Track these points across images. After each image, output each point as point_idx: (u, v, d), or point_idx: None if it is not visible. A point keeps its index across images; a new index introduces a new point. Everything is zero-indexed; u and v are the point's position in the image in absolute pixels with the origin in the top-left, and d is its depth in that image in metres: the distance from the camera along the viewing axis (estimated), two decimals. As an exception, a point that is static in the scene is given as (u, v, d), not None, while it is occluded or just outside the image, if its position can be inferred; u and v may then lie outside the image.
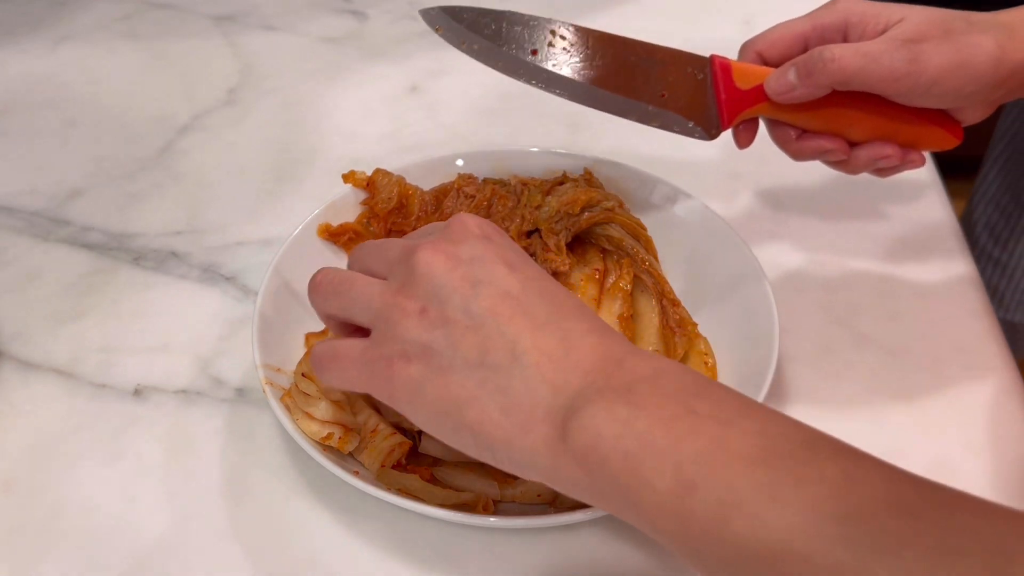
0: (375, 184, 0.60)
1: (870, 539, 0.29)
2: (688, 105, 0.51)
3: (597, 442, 0.34)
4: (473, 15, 0.51)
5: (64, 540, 0.48)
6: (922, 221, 0.65)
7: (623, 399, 0.34)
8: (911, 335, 0.57)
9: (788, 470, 0.31)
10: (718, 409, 0.33)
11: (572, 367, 0.36)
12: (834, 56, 0.48)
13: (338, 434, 0.47)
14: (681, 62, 0.51)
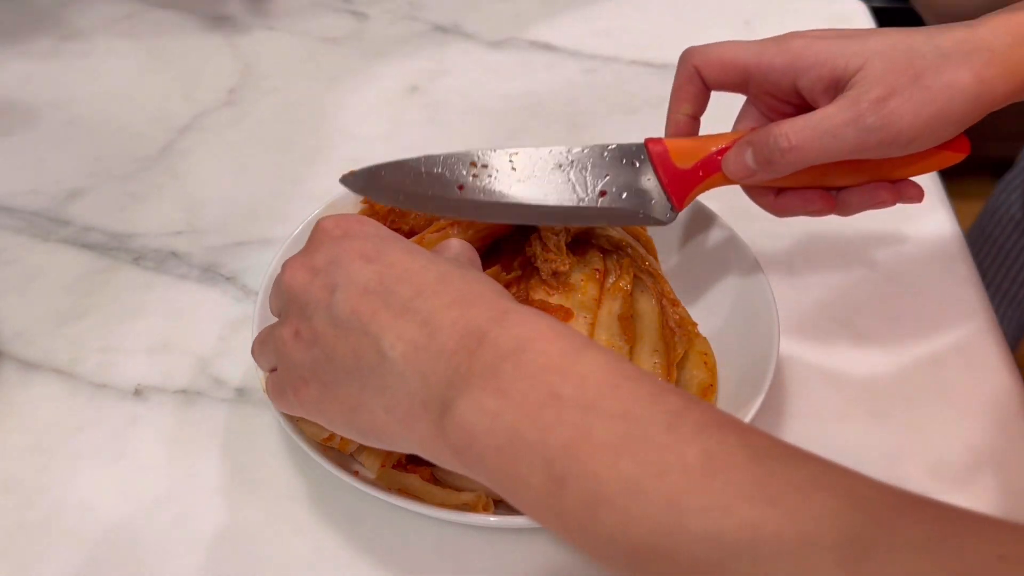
0: (375, 184, 0.60)
1: (730, 535, 0.28)
2: (632, 197, 0.48)
3: (471, 440, 0.33)
4: (391, 170, 0.50)
5: (64, 540, 0.48)
6: (922, 221, 0.65)
7: (490, 387, 0.33)
8: (911, 335, 0.57)
9: (650, 459, 0.30)
10: (581, 391, 0.32)
11: (437, 352, 0.35)
12: (791, 145, 0.44)
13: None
14: (612, 156, 0.48)
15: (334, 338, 0.37)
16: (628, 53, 0.83)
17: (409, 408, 0.36)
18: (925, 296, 0.60)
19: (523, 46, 0.84)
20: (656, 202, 0.49)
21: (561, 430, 0.32)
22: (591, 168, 0.49)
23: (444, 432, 0.34)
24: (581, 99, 0.78)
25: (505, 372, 0.33)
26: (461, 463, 0.35)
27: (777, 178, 0.47)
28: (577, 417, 0.32)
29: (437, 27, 0.87)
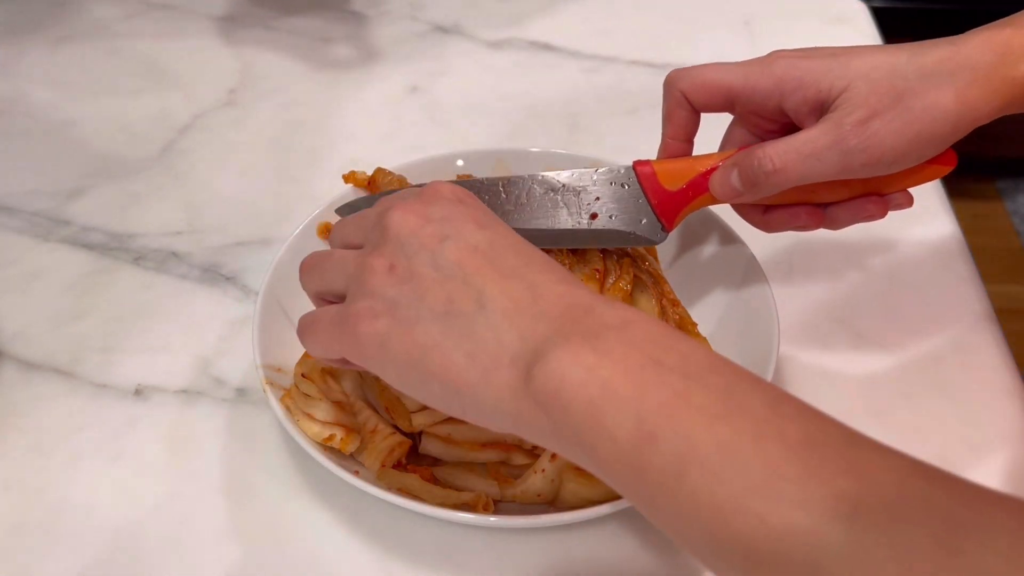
0: (376, 183, 0.61)
1: (824, 504, 0.29)
2: (623, 218, 0.49)
3: (560, 388, 0.33)
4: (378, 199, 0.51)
5: (64, 540, 0.48)
6: (922, 221, 0.65)
7: (589, 345, 0.34)
8: (911, 335, 0.57)
9: (748, 428, 0.31)
10: (684, 363, 0.33)
11: (539, 314, 0.36)
12: (775, 167, 0.45)
13: (340, 435, 0.47)
14: (601, 179, 0.49)
15: (432, 280, 0.37)
16: (628, 53, 0.83)
17: (496, 358, 0.35)
18: (925, 296, 0.60)
19: (523, 46, 0.84)
20: (646, 223, 0.49)
21: (659, 391, 0.32)
22: (581, 192, 0.49)
23: (530, 380, 0.34)
24: (581, 99, 0.78)
25: (608, 337, 0.34)
26: (541, 412, 0.34)
27: (764, 197, 0.48)
28: (677, 382, 0.32)
29: (437, 27, 0.87)
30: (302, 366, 0.50)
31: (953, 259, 0.62)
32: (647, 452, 0.32)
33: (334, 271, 0.41)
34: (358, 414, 0.49)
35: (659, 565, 0.46)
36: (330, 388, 0.49)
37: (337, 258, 0.42)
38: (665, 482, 0.31)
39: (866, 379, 0.55)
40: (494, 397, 0.35)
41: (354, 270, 0.40)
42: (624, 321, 0.35)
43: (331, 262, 0.42)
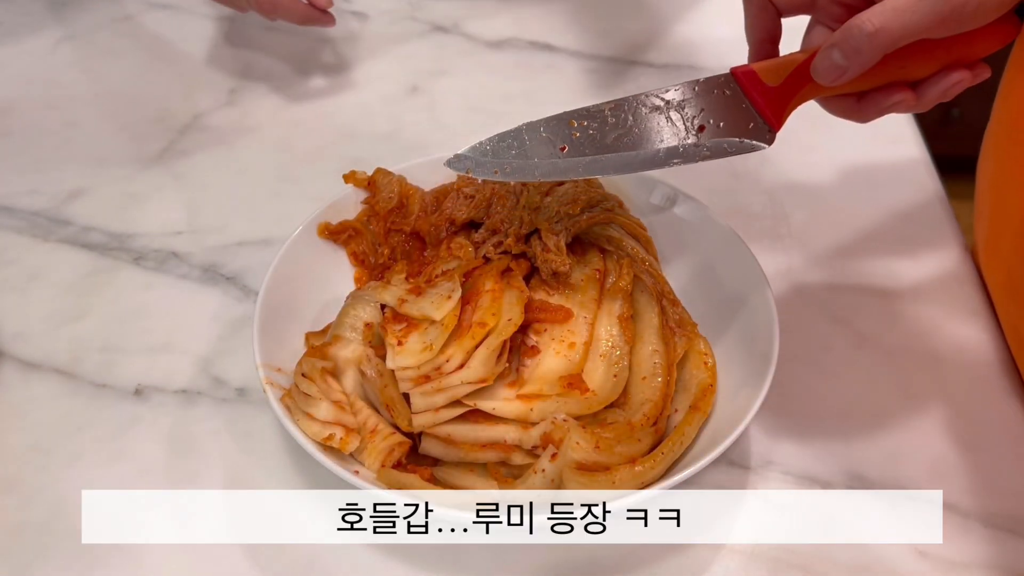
0: (376, 183, 0.61)
1: None
2: (730, 125, 0.50)
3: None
4: (493, 143, 0.51)
5: (64, 540, 0.48)
6: (922, 221, 0.65)
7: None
8: (911, 335, 0.57)
9: None
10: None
11: None
12: (876, 27, 0.46)
13: (339, 435, 0.47)
14: (703, 89, 0.50)
15: None
16: (628, 53, 0.83)
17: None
18: (925, 296, 0.60)
19: (523, 46, 0.84)
20: (754, 126, 0.50)
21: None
22: (686, 106, 0.49)
23: None
24: (581, 99, 0.78)
25: None
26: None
27: (863, 72, 0.48)
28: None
29: (437, 27, 0.87)
30: (302, 365, 0.50)
31: (953, 259, 0.62)
32: None
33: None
34: (358, 414, 0.49)
35: (659, 565, 0.46)
36: (330, 388, 0.49)
37: None
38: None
39: (866, 380, 0.55)
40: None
41: None
42: None
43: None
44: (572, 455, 0.45)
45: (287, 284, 0.55)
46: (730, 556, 0.47)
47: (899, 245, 0.63)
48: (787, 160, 0.57)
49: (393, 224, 0.60)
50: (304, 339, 0.54)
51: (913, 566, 0.46)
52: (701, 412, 0.48)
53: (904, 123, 0.73)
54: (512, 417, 0.48)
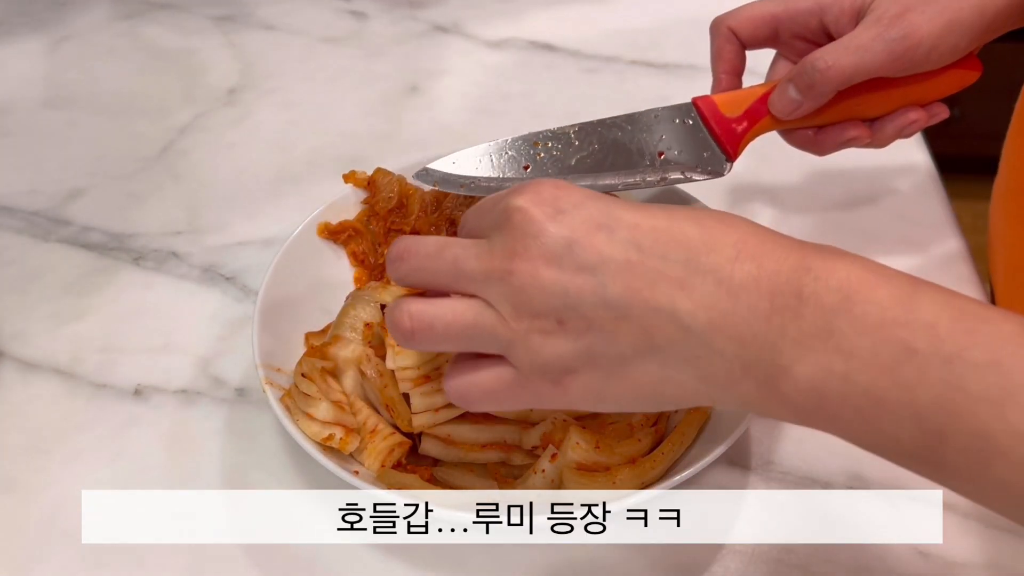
0: (376, 183, 0.60)
1: None
2: (688, 153, 0.51)
3: (820, 403, 0.33)
4: (461, 159, 0.53)
5: (64, 540, 0.48)
6: (923, 221, 0.65)
7: (830, 347, 0.32)
8: (911, 335, 0.57)
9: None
10: (936, 340, 0.31)
11: (748, 314, 0.33)
12: (828, 64, 0.48)
13: (339, 435, 0.47)
14: (664, 118, 0.52)
15: (613, 321, 0.34)
16: (628, 53, 0.83)
17: (728, 373, 0.34)
18: (925, 296, 0.60)
19: (523, 46, 0.84)
20: (711, 155, 0.51)
21: (928, 386, 0.31)
22: (648, 133, 0.51)
23: (783, 397, 0.33)
24: (581, 99, 0.78)
25: (841, 331, 0.32)
26: (804, 421, 0.34)
27: (818, 107, 0.50)
28: (942, 371, 0.31)
29: (437, 27, 0.87)
30: (302, 366, 0.50)
31: (953, 259, 0.62)
32: (939, 450, 0.31)
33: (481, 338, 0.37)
34: (358, 414, 0.49)
35: (659, 565, 0.46)
36: (330, 388, 0.49)
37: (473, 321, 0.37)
38: (966, 473, 0.31)
39: (866, 379, 0.55)
40: (739, 401, 0.35)
41: (513, 337, 0.36)
42: (844, 297, 0.33)
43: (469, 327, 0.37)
44: (572, 455, 0.45)
45: (287, 284, 0.55)
46: (730, 556, 0.47)
47: (899, 245, 0.63)
48: (787, 160, 0.57)
49: (393, 224, 0.60)
50: (304, 339, 0.54)
51: (913, 566, 0.46)
52: (701, 412, 0.48)
53: (904, 123, 0.73)
54: (512, 417, 0.48)
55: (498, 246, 0.36)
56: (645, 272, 0.35)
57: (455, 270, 0.37)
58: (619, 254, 0.35)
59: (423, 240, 0.39)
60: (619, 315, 0.35)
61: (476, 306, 0.37)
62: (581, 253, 0.35)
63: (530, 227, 0.36)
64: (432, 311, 0.37)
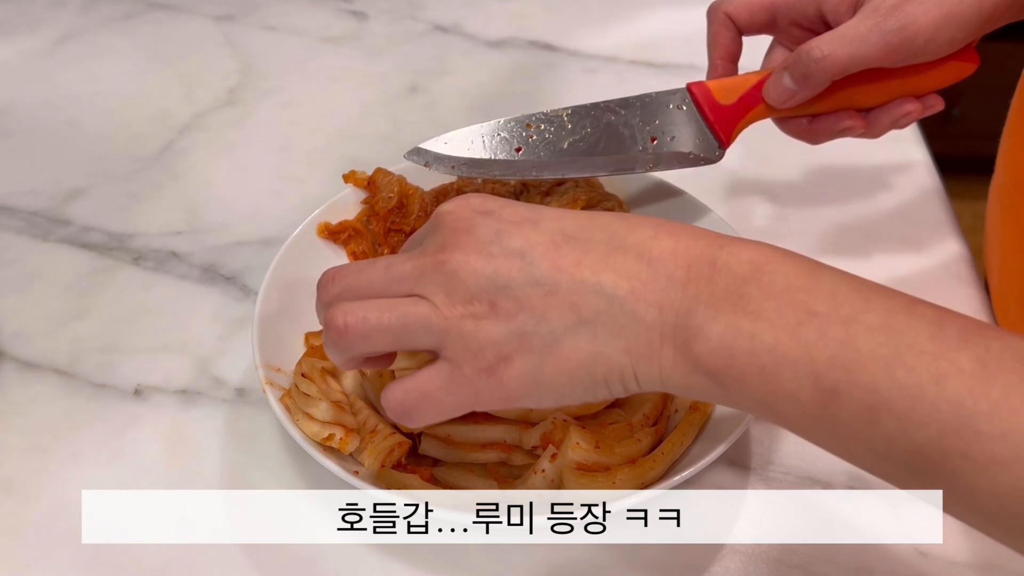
0: (376, 183, 0.60)
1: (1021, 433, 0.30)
2: (681, 139, 0.51)
3: (729, 361, 0.34)
4: (453, 139, 0.53)
5: (64, 540, 0.48)
6: (923, 221, 0.65)
7: (739, 310, 0.34)
8: (911, 335, 0.57)
9: (924, 368, 0.32)
10: (835, 306, 0.34)
11: (666, 282, 0.35)
12: (824, 53, 0.48)
13: (339, 435, 0.47)
14: (658, 102, 0.51)
15: (542, 299, 0.36)
16: (628, 53, 0.83)
17: (648, 342, 0.36)
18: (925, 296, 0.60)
19: (523, 46, 0.84)
20: (703, 141, 0.51)
21: (825, 344, 0.33)
22: (640, 117, 0.51)
23: (696, 358, 0.35)
24: (581, 99, 0.78)
25: (750, 295, 0.34)
26: (715, 385, 0.35)
27: (813, 96, 0.50)
28: (839, 331, 0.33)
29: (437, 27, 0.87)
30: (302, 365, 0.50)
31: (953, 260, 0.62)
32: (832, 407, 0.33)
33: (413, 329, 0.37)
34: (358, 414, 0.49)
35: (659, 565, 0.46)
36: (330, 388, 0.49)
37: (408, 314, 0.37)
38: (857, 430, 0.33)
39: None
40: (659, 376, 0.36)
41: (446, 325, 0.37)
42: (754, 268, 0.35)
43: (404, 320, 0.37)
44: (572, 455, 0.45)
45: (287, 284, 0.55)
46: (730, 556, 0.47)
47: (899, 245, 0.63)
48: (787, 160, 0.57)
49: (393, 224, 0.60)
50: (304, 339, 0.54)
51: (913, 566, 0.46)
52: (701, 412, 0.48)
53: (904, 123, 0.73)
54: (512, 417, 0.48)
55: (430, 246, 0.38)
56: (571, 251, 0.36)
57: (387, 275, 0.38)
58: (545, 238, 0.37)
59: (352, 263, 0.40)
60: (547, 291, 0.36)
61: (410, 299, 0.38)
62: (509, 240, 0.37)
63: (460, 223, 0.38)
64: (367, 305, 0.38)
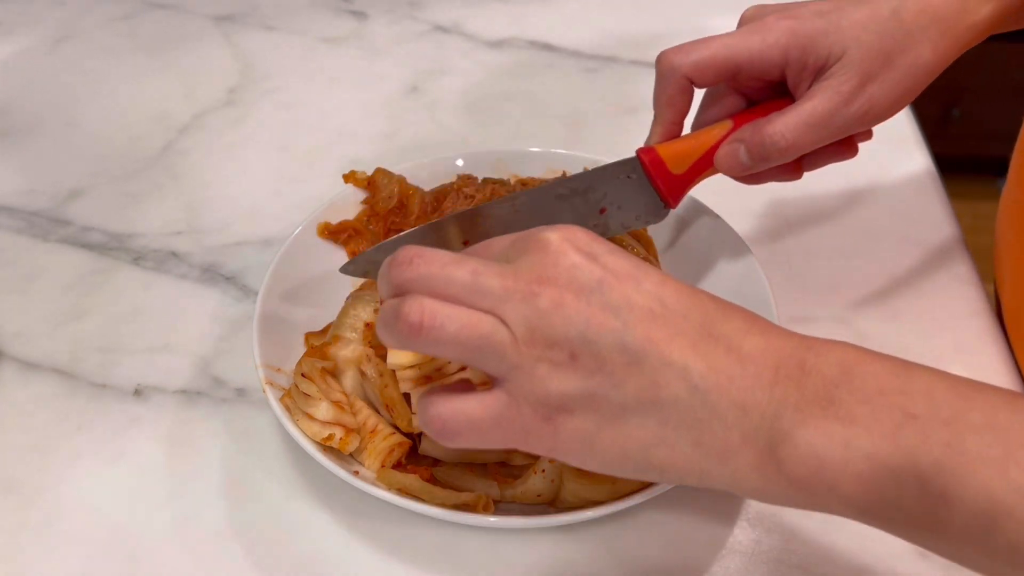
0: (376, 183, 0.61)
1: None
2: (629, 207, 0.51)
3: (820, 469, 0.33)
4: (391, 247, 0.51)
5: (64, 540, 0.48)
6: (923, 221, 0.65)
7: (830, 415, 0.33)
8: (911, 335, 0.57)
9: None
10: (933, 406, 0.32)
11: (753, 382, 0.34)
12: (787, 140, 0.47)
13: (339, 435, 0.47)
14: (608, 174, 0.50)
15: (625, 366, 0.34)
16: (628, 53, 0.83)
17: (725, 441, 0.34)
18: (925, 296, 0.60)
19: (523, 46, 0.84)
20: (651, 205, 0.51)
21: (929, 448, 0.32)
22: (590, 192, 0.50)
23: (780, 464, 0.33)
24: (581, 99, 0.78)
25: (842, 399, 0.33)
26: (802, 494, 0.34)
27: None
28: (943, 434, 0.32)
29: (437, 27, 0.87)
30: (302, 365, 0.50)
31: (953, 260, 0.62)
32: (942, 513, 0.31)
33: (487, 353, 0.35)
34: (358, 414, 0.49)
35: (659, 565, 0.46)
36: (330, 388, 0.49)
37: (485, 334, 0.35)
38: (972, 536, 0.31)
39: (866, 379, 0.55)
40: (731, 478, 0.35)
41: (520, 361, 0.35)
42: (842, 369, 0.34)
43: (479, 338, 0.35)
44: (572, 455, 0.45)
45: (287, 284, 0.55)
46: (730, 556, 0.47)
47: (899, 245, 0.63)
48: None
49: (393, 224, 0.60)
50: (304, 339, 0.54)
51: (913, 566, 0.46)
52: (701, 412, 0.48)
53: (904, 123, 0.73)
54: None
55: (524, 268, 0.36)
56: (666, 325, 0.35)
57: (474, 281, 0.35)
58: (644, 303, 0.35)
59: (434, 250, 0.37)
60: (632, 361, 0.34)
61: (492, 320, 0.35)
62: (609, 293, 0.35)
63: (564, 258, 0.35)
64: (448, 311, 0.35)
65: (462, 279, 0.35)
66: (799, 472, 0.33)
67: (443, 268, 0.36)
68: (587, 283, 0.35)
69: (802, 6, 0.49)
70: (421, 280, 0.36)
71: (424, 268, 0.36)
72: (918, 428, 0.32)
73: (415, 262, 0.36)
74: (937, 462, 0.31)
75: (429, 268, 0.36)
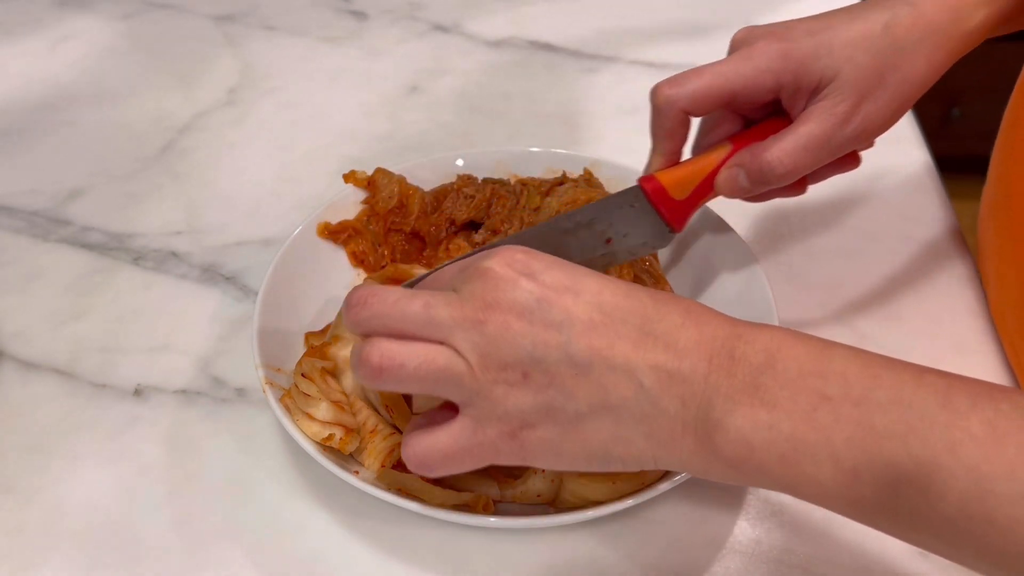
0: (376, 183, 0.61)
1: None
2: (635, 235, 0.51)
3: (750, 452, 0.35)
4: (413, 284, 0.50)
5: (64, 540, 0.48)
6: (923, 221, 0.65)
7: (756, 400, 0.35)
8: (911, 335, 0.57)
9: (937, 438, 0.33)
10: (846, 385, 0.35)
11: (690, 375, 0.37)
12: (784, 165, 0.47)
13: (339, 435, 0.47)
14: (612, 205, 0.50)
15: (573, 378, 0.37)
16: (628, 53, 0.83)
17: (671, 431, 0.37)
18: (925, 296, 0.60)
19: (523, 46, 0.84)
20: (656, 230, 0.51)
21: (841, 427, 0.34)
22: (595, 223, 0.50)
23: (716, 449, 0.36)
24: (581, 99, 0.78)
25: (766, 385, 0.36)
26: (737, 474, 0.37)
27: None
28: (853, 412, 0.34)
29: (437, 27, 0.87)
30: (302, 366, 0.50)
31: (953, 260, 0.62)
32: (855, 487, 0.34)
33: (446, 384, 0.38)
34: (358, 414, 0.49)
35: (659, 565, 0.46)
36: (330, 388, 0.49)
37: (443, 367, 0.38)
38: (882, 506, 0.34)
39: (866, 379, 0.55)
40: (679, 461, 0.38)
41: (478, 387, 0.38)
42: (768, 357, 0.36)
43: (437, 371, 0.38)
44: (572, 455, 0.45)
45: (287, 284, 0.55)
46: (730, 556, 0.47)
47: (899, 244, 0.63)
48: (787, 160, 0.57)
49: (393, 224, 0.60)
50: (304, 339, 0.54)
51: (913, 566, 0.46)
52: (701, 412, 0.48)
53: (904, 123, 0.73)
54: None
55: (470, 296, 0.38)
56: (606, 333, 0.37)
57: (425, 315, 0.38)
58: (584, 314, 0.37)
59: (386, 288, 0.40)
60: (579, 372, 0.37)
61: (447, 352, 0.38)
62: (550, 310, 0.37)
63: (503, 283, 0.38)
64: (405, 351, 0.38)
65: (415, 313, 0.38)
66: (733, 456, 0.36)
67: (395, 305, 0.39)
68: (528, 303, 0.37)
69: (792, 26, 0.48)
70: (377, 319, 0.39)
71: (378, 307, 0.39)
72: (831, 408, 0.34)
73: (369, 302, 0.39)
74: (848, 439, 0.34)
75: (383, 306, 0.39)
